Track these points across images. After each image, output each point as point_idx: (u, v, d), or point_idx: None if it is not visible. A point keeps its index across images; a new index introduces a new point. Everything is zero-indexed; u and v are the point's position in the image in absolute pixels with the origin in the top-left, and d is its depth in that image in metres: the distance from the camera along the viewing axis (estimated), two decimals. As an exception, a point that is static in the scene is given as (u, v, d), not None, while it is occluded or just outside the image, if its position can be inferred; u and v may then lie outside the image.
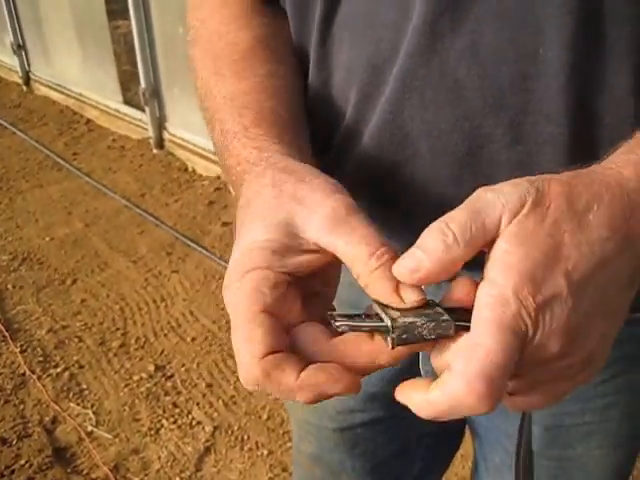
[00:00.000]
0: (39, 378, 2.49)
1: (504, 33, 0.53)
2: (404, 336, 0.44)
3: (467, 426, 1.01)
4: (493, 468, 0.93)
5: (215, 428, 2.25)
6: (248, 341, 0.45)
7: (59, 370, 2.53)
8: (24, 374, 2.51)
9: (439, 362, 0.46)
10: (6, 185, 3.96)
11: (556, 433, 0.81)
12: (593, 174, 0.46)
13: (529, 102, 0.55)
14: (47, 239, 3.38)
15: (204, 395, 2.39)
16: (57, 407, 2.35)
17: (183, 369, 2.51)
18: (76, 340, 2.68)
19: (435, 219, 0.48)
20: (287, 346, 0.46)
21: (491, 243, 0.44)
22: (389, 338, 0.44)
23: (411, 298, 0.45)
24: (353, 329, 0.46)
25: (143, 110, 4.19)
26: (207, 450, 2.18)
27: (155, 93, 4.07)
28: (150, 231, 3.41)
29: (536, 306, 0.42)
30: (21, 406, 2.37)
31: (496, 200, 0.44)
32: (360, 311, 0.48)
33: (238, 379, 2.38)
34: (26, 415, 2.33)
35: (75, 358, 2.58)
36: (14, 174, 4.08)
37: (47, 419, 2.32)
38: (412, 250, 0.45)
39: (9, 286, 3.02)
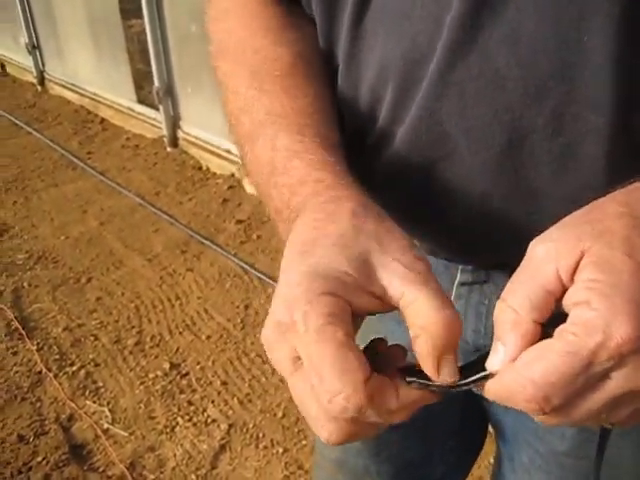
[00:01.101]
0: (55, 376, 2.50)
1: (545, 21, 0.51)
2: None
3: (491, 426, 1.01)
4: (521, 468, 0.92)
5: (230, 426, 2.26)
6: (345, 369, 0.43)
7: (75, 368, 2.54)
8: (40, 372, 2.52)
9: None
10: (21, 184, 3.98)
11: (590, 433, 0.80)
12: None
13: (572, 92, 0.53)
14: (62, 238, 3.40)
15: (219, 393, 2.39)
16: (73, 405, 2.36)
17: (198, 367, 2.51)
18: (92, 338, 2.69)
19: (472, 217, 0.47)
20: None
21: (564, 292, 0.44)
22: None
23: (446, 378, 0.46)
24: (421, 387, 0.46)
25: (157, 109, 4.21)
26: (222, 448, 2.18)
27: (169, 92, 4.08)
28: (165, 229, 3.42)
29: (630, 344, 0.41)
30: (38, 404, 2.38)
31: (546, 254, 0.44)
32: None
33: (253, 377, 2.40)
34: (43, 413, 2.34)
35: (91, 356, 2.59)
36: (29, 173, 4.11)
37: (63, 417, 2.33)
38: (494, 344, 0.45)
39: (25, 284, 3.03)
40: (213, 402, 2.35)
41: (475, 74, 0.55)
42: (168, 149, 4.22)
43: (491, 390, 0.45)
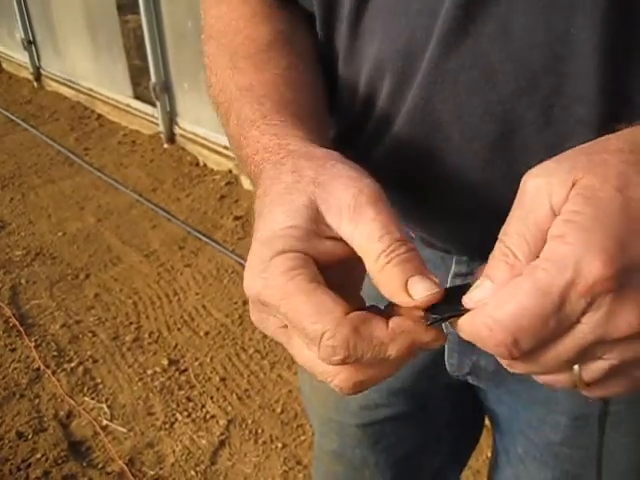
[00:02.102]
0: (54, 373, 2.50)
1: (535, 15, 0.52)
2: None
3: (487, 419, 1.01)
4: (516, 459, 0.93)
5: (229, 422, 2.26)
6: (322, 310, 0.43)
7: (73, 365, 2.54)
8: (39, 369, 2.53)
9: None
10: (18, 180, 3.98)
11: (584, 423, 0.81)
12: None
13: (561, 84, 0.54)
14: (60, 234, 3.39)
15: (218, 389, 2.40)
16: (72, 401, 2.37)
17: (197, 363, 2.52)
18: (90, 335, 2.69)
19: (464, 205, 0.47)
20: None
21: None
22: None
23: (420, 294, 0.43)
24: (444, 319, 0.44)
25: (154, 105, 4.20)
26: (221, 444, 2.18)
27: (166, 88, 4.07)
28: (162, 225, 3.42)
29: (601, 283, 0.38)
30: (36, 400, 2.39)
31: (538, 191, 0.42)
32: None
33: (252, 372, 2.40)
34: (41, 409, 2.35)
35: (89, 352, 2.59)
36: (26, 170, 4.10)
37: (62, 413, 2.33)
38: (481, 281, 0.43)
39: (23, 281, 3.03)
40: (212, 398, 2.36)
41: (468, 65, 0.56)
42: (165, 145, 4.22)
43: (462, 330, 0.43)
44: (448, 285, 0.75)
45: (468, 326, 0.43)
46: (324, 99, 0.68)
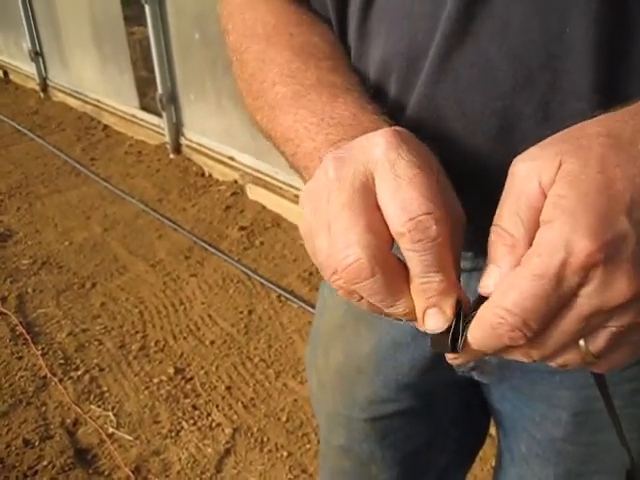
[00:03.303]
0: (60, 381, 2.51)
1: (531, 15, 0.55)
2: None
3: (493, 419, 1.03)
4: (519, 458, 0.94)
5: (235, 430, 2.27)
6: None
7: (80, 373, 2.55)
8: (45, 377, 2.54)
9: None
10: (25, 190, 4.00)
11: (584, 418, 0.82)
12: (631, 108, 0.48)
13: (557, 80, 0.56)
14: (66, 243, 3.41)
15: (223, 397, 2.41)
16: (78, 409, 2.38)
17: (202, 372, 2.53)
18: (96, 343, 2.70)
19: (466, 199, 0.50)
20: None
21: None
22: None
23: (430, 328, 0.49)
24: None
25: (160, 115, 4.23)
26: (227, 452, 2.19)
27: (172, 99, 4.10)
28: (168, 235, 3.44)
29: (590, 258, 0.42)
30: (43, 408, 2.40)
31: (527, 172, 0.46)
32: None
33: (257, 381, 2.41)
34: (48, 417, 2.36)
35: (95, 361, 2.61)
36: (33, 179, 4.13)
37: (68, 421, 2.34)
38: (488, 268, 0.48)
39: (29, 290, 3.05)
40: (217, 406, 2.37)
41: (468, 64, 0.59)
42: (171, 156, 4.24)
43: (476, 335, 0.47)
44: None
45: (479, 326, 0.46)
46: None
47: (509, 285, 0.44)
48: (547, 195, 0.44)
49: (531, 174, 0.45)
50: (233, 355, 2.60)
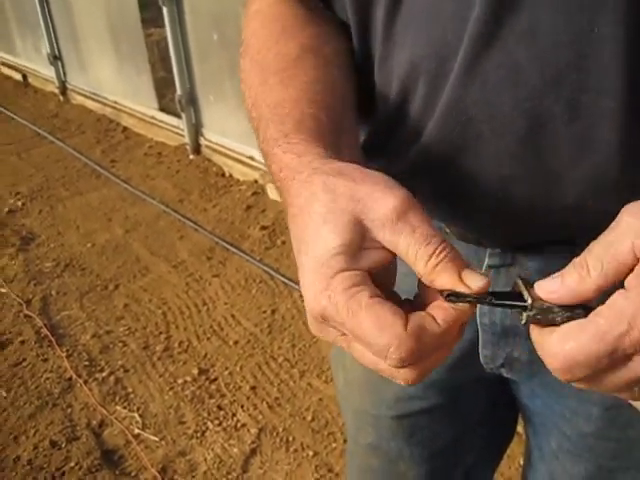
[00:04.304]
0: (85, 382, 2.52)
1: (559, 16, 0.55)
2: (538, 316, 0.49)
3: (520, 416, 1.02)
4: (549, 454, 0.93)
5: (260, 430, 2.27)
6: (383, 327, 0.47)
7: (105, 374, 2.56)
8: (70, 378, 2.55)
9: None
10: (47, 193, 4.03)
11: (616, 413, 0.82)
12: None
13: (586, 79, 0.56)
14: (88, 245, 3.43)
15: (248, 397, 2.41)
16: (104, 410, 2.39)
17: (227, 372, 2.53)
18: (120, 345, 2.71)
19: (496, 199, 0.50)
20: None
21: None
22: (524, 315, 0.49)
23: (477, 284, 0.49)
24: (466, 299, 0.49)
25: (179, 117, 4.24)
26: (253, 452, 2.19)
27: (191, 99, 4.11)
28: (190, 236, 3.44)
29: None
30: (69, 410, 2.41)
31: (628, 228, 0.47)
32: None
33: (282, 381, 2.41)
34: (74, 419, 2.37)
35: (120, 362, 2.62)
36: (54, 182, 4.15)
37: (94, 422, 2.35)
38: (555, 275, 0.49)
39: (53, 292, 3.07)
40: (242, 406, 2.37)
41: (497, 65, 0.58)
42: (191, 156, 4.25)
43: (535, 340, 0.50)
44: None
45: (538, 345, 0.50)
46: (351, 106, 0.69)
47: (572, 333, 0.47)
48: (636, 255, 0.46)
49: (629, 232, 0.47)
50: (257, 355, 2.60)
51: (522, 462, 1.14)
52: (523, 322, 0.49)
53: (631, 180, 0.60)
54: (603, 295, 0.47)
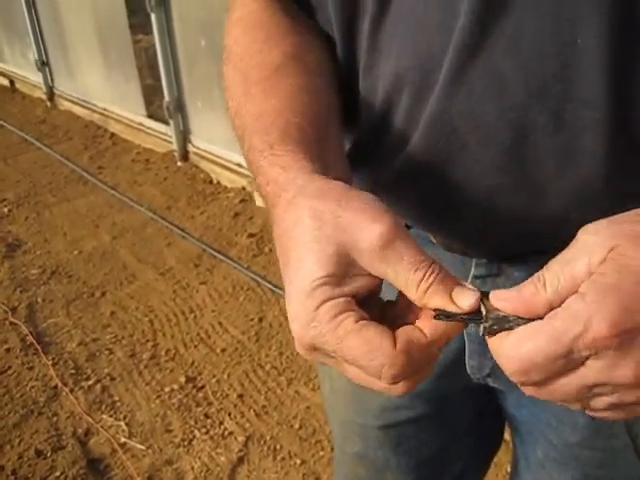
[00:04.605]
0: (71, 390, 2.51)
1: (543, 28, 0.55)
2: (495, 327, 0.49)
3: (507, 425, 1.02)
4: (536, 463, 0.94)
5: (247, 438, 2.26)
6: (373, 349, 0.49)
7: (91, 382, 2.54)
8: (56, 387, 2.53)
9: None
10: (33, 199, 4.00)
11: (601, 423, 0.82)
12: None
13: (570, 90, 0.56)
14: (75, 252, 3.41)
15: (235, 405, 2.40)
16: (90, 419, 2.37)
17: (214, 380, 2.52)
18: (107, 352, 2.70)
19: (481, 210, 0.51)
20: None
21: None
22: (481, 326, 0.50)
23: (467, 303, 0.50)
24: (449, 318, 0.50)
25: (167, 123, 4.23)
26: (240, 460, 2.18)
27: (179, 106, 4.10)
28: (177, 243, 3.43)
29: (603, 341, 0.44)
30: (54, 418, 2.39)
31: (584, 246, 0.48)
32: None
33: (269, 389, 2.40)
34: (60, 427, 2.35)
35: (106, 370, 2.60)
36: (41, 188, 4.13)
37: (80, 431, 2.33)
38: (513, 288, 0.50)
39: (39, 299, 3.05)
40: (230, 415, 2.36)
41: (481, 76, 0.58)
42: (179, 163, 4.24)
43: (490, 345, 0.50)
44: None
45: (494, 350, 0.50)
46: (336, 114, 0.69)
47: (529, 335, 0.47)
48: (592, 272, 0.47)
49: (585, 250, 0.48)
50: (244, 363, 2.59)
51: (509, 470, 1.14)
52: (481, 334, 0.50)
53: (616, 191, 0.61)
54: None
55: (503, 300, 0.49)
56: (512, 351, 0.48)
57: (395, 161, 0.69)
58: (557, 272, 0.48)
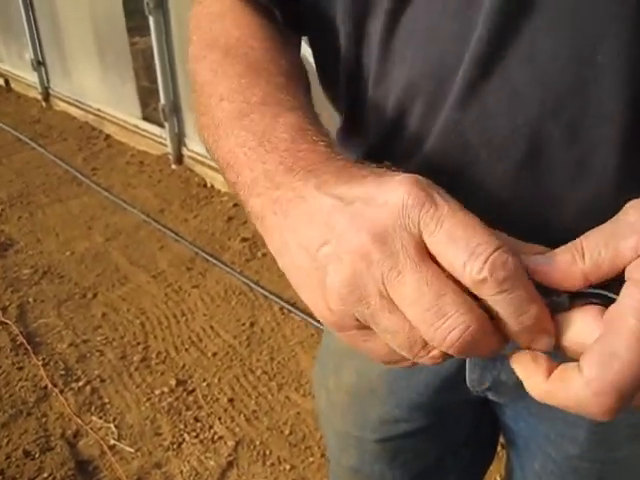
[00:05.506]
0: (61, 392, 2.50)
1: (561, 43, 0.54)
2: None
3: (502, 436, 1.02)
4: (532, 475, 0.93)
5: (237, 443, 2.25)
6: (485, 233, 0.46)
7: (81, 384, 2.54)
8: (46, 387, 2.52)
9: (571, 342, 0.46)
10: (26, 200, 3.99)
11: (602, 436, 0.82)
12: None
13: (586, 106, 0.56)
14: (67, 253, 3.40)
15: (225, 410, 2.39)
16: (79, 421, 2.36)
17: (204, 384, 2.51)
18: (97, 354, 2.69)
19: (493, 223, 0.50)
20: None
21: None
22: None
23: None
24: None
25: (162, 126, 4.22)
26: (229, 465, 2.18)
27: (174, 109, 4.10)
28: (170, 246, 3.43)
29: None
30: (43, 419, 2.38)
31: (635, 225, 0.45)
32: None
33: (260, 394, 2.40)
34: (49, 428, 2.34)
35: (97, 372, 2.59)
36: (34, 189, 4.12)
37: (69, 432, 2.33)
38: (548, 252, 0.48)
39: (30, 300, 3.03)
40: (220, 419, 2.35)
41: (496, 89, 0.57)
42: (173, 166, 4.23)
43: (540, 392, 0.48)
44: None
45: (549, 393, 0.47)
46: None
47: (607, 351, 0.42)
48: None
49: (635, 226, 0.45)
50: (235, 367, 2.58)
51: (499, 480, 1.14)
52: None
53: (628, 201, 0.61)
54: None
55: (536, 265, 0.47)
56: (599, 383, 0.42)
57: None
58: (598, 243, 0.46)
